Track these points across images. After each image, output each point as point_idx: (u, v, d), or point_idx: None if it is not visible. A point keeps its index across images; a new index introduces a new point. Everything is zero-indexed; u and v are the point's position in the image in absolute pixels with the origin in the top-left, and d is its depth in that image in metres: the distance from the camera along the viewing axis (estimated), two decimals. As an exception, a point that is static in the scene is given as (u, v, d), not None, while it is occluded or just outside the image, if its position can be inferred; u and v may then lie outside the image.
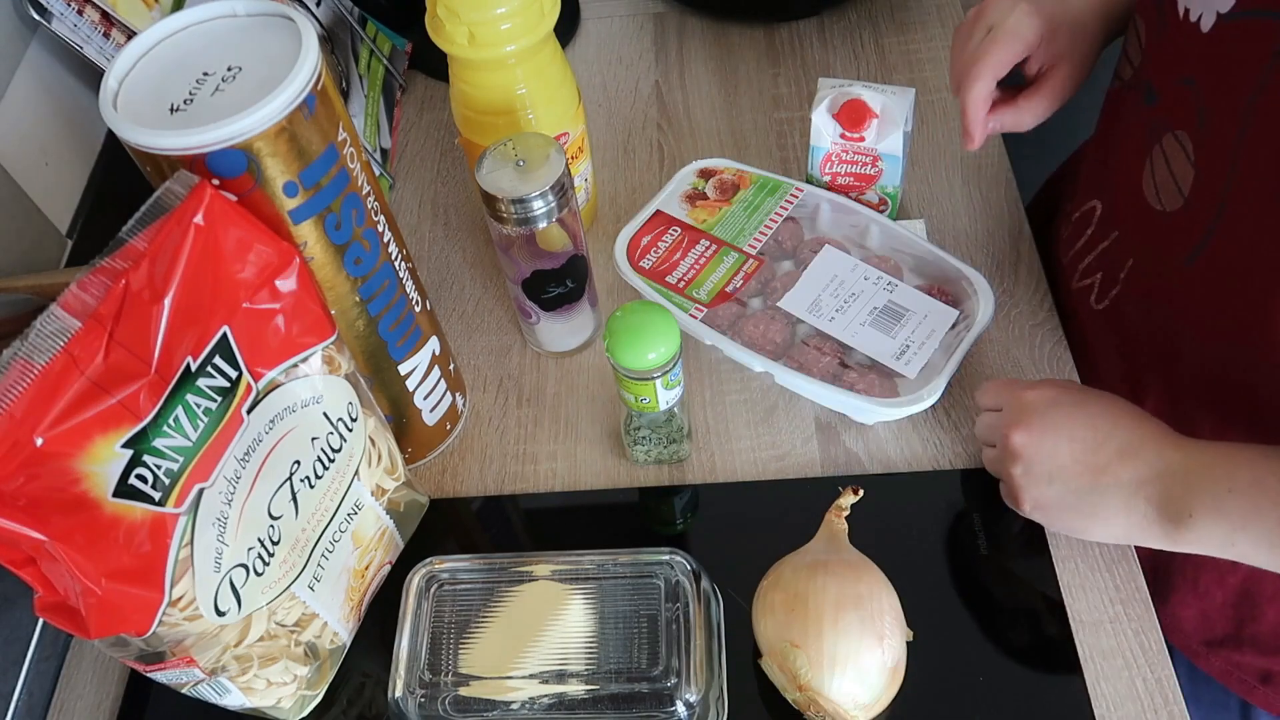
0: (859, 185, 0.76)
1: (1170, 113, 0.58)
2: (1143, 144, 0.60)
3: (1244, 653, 0.65)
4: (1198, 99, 0.55)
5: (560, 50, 0.72)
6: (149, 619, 0.47)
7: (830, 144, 0.74)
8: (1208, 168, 0.55)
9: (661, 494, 0.68)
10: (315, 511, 0.56)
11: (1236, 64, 0.52)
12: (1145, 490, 0.54)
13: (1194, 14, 0.54)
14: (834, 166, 0.75)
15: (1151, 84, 0.59)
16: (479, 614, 0.58)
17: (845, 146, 0.73)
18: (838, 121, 0.72)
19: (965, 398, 0.69)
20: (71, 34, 0.65)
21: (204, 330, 0.46)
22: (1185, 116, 0.56)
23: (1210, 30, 0.53)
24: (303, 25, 0.49)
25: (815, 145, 0.74)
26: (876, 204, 0.77)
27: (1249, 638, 0.65)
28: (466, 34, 0.66)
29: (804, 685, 0.54)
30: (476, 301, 0.80)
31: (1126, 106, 0.64)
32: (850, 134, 0.72)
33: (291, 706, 0.59)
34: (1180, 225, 0.58)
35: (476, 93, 0.70)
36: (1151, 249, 0.62)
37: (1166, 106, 0.58)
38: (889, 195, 0.76)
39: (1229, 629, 0.64)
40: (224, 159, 0.47)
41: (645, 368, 0.59)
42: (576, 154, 0.76)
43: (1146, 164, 0.60)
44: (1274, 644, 0.64)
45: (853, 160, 0.74)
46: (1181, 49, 0.56)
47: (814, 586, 0.56)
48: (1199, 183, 0.56)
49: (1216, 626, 0.57)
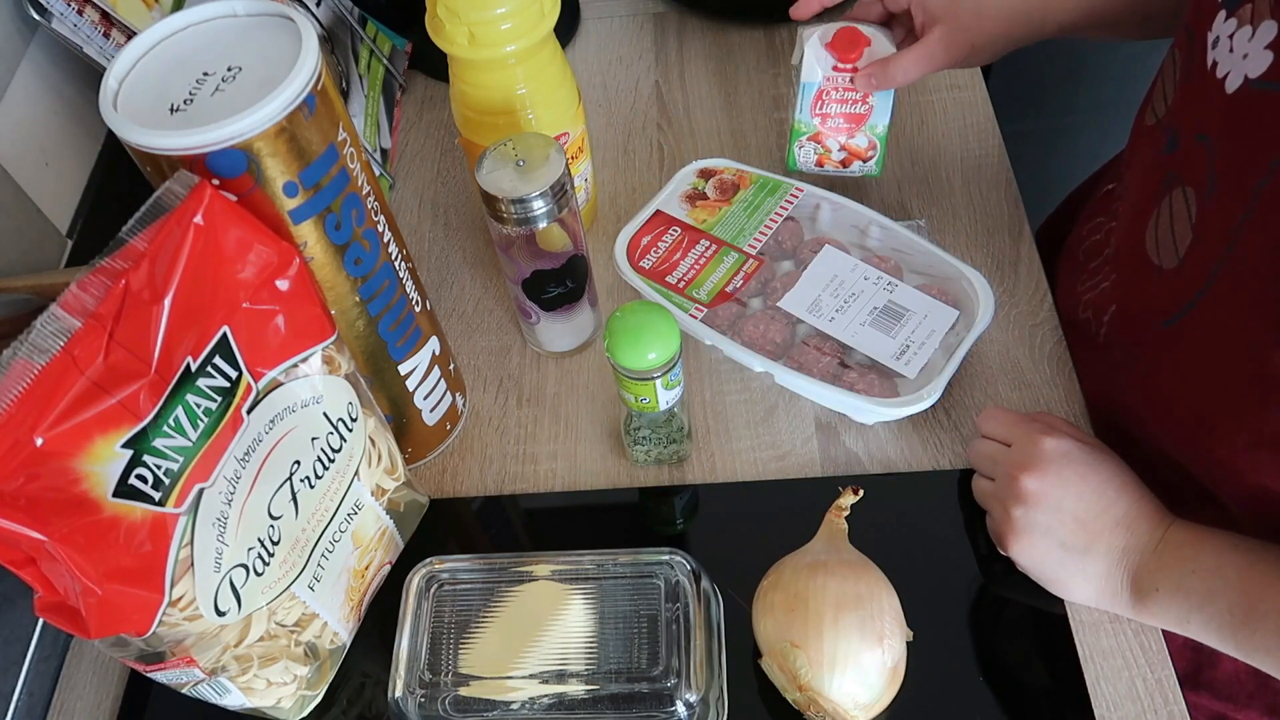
0: (849, 127, 0.74)
1: (1185, 166, 0.55)
2: (1156, 191, 0.58)
3: (1200, 695, 0.65)
4: (1211, 160, 0.52)
5: (560, 50, 0.72)
6: (149, 619, 0.47)
7: (823, 78, 0.72)
8: (1207, 237, 0.53)
9: (661, 494, 0.68)
10: (315, 511, 0.56)
11: (1255, 137, 0.49)
12: (1127, 560, 0.56)
13: (1221, 70, 0.50)
14: (825, 106, 0.73)
15: (1176, 132, 0.56)
16: (479, 614, 0.58)
17: (838, 81, 0.72)
18: (831, 52, 0.70)
19: (965, 398, 0.69)
20: (71, 34, 0.65)
21: (204, 330, 0.46)
22: (1198, 175, 0.53)
23: (1235, 92, 0.49)
24: (303, 25, 0.49)
25: (806, 81, 0.72)
26: (865, 149, 0.75)
27: (1205, 682, 0.65)
28: (466, 34, 0.66)
29: (804, 685, 0.54)
30: (476, 301, 0.80)
31: (1150, 148, 0.61)
32: (844, 64, 0.71)
33: (291, 706, 0.60)
34: (1169, 286, 0.56)
35: (476, 93, 0.70)
36: (1136, 301, 0.61)
37: (1183, 158, 0.55)
38: (878, 137, 0.74)
39: (1186, 669, 0.64)
40: (224, 159, 0.47)
41: (645, 368, 0.59)
42: (576, 154, 0.76)
43: (1154, 214, 0.58)
44: (1228, 691, 0.65)
45: (844, 98, 0.72)
46: (1204, 102, 0.52)
47: (814, 586, 0.56)
48: (1195, 249, 0.54)
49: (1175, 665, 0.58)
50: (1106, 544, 0.56)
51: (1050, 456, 0.57)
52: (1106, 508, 0.56)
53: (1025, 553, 0.58)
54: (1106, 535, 0.56)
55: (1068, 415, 0.68)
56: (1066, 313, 0.72)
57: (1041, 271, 0.75)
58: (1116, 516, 0.56)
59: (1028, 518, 0.57)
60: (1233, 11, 0.49)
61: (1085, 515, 0.56)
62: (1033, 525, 0.57)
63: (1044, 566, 0.58)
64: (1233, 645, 0.53)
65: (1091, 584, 0.57)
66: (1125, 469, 0.58)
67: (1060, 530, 0.57)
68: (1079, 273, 0.70)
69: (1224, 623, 0.53)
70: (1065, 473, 0.57)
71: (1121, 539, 0.56)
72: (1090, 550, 0.56)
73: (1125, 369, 0.62)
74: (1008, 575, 0.61)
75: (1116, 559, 0.56)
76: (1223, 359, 0.54)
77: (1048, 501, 0.57)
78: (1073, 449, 0.57)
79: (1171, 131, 0.57)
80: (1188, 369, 0.56)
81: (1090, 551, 0.56)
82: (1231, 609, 0.52)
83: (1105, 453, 0.59)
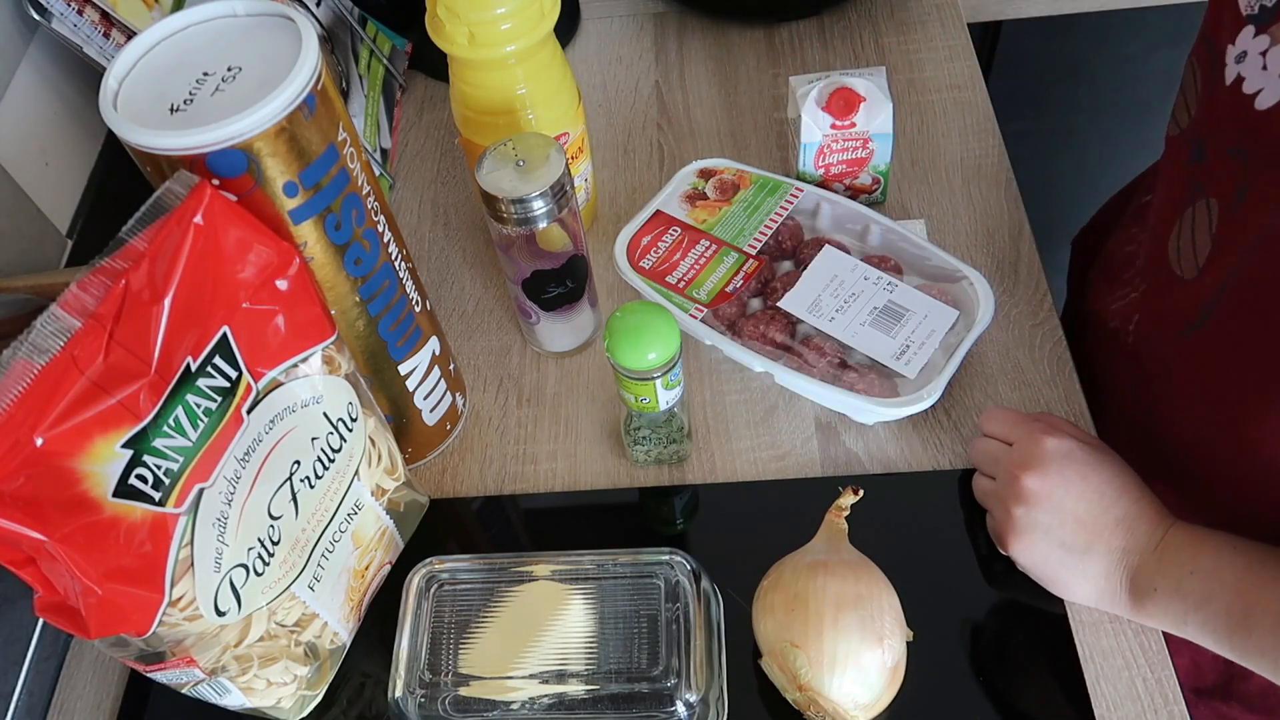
0: (852, 171, 0.76)
1: (1212, 177, 0.55)
2: (1181, 200, 0.58)
3: (1231, 706, 0.65)
4: (1245, 174, 0.51)
5: (560, 50, 0.72)
6: (149, 619, 0.47)
7: (822, 137, 0.74)
8: (1225, 246, 0.53)
9: (661, 494, 0.68)
10: (315, 511, 0.56)
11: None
12: (1127, 561, 0.56)
13: (1249, 86, 0.49)
14: (827, 158, 0.75)
15: (1204, 143, 0.56)
16: (479, 614, 0.58)
17: (836, 136, 0.74)
18: (828, 113, 0.73)
19: (965, 398, 0.69)
20: (71, 34, 0.65)
21: (204, 330, 0.46)
22: (1224, 187, 0.53)
23: (1269, 109, 0.49)
24: (303, 25, 0.49)
25: (806, 142, 0.75)
26: (870, 185, 0.77)
27: (1237, 694, 0.65)
28: (467, 34, 0.66)
29: (804, 685, 0.54)
30: (476, 301, 0.80)
31: (1178, 157, 0.61)
32: (841, 122, 0.73)
33: (291, 706, 0.59)
34: (1188, 296, 0.56)
35: (476, 93, 0.70)
36: (1158, 311, 0.61)
37: (1210, 169, 0.55)
38: (881, 174, 0.77)
39: (1217, 680, 0.64)
40: (224, 159, 0.47)
41: (645, 368, 0.59)
42: (576, 154, 0.76)
43: (1177, 223, 0.58)
44: (1261, 704, 0.65)
45: (844, 148, 0.75)
46: (1232, 117, 0.52)
47: (814, 586, 0.56)
48: (1213, 258, 0.54)
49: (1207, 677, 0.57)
50: (1106, 544, 0.56)
51: (1052, 456, 0.57)
52: (1107, 508, 0.56)
53: (1025, 552, 0.58)
54: (1106, 535, 0.56)
55: (1068, 415, 0.68)
56: (1098, 322, 0.71)
57: (1041, 272, 0.75)
58: (1117, 517, 0.56)
59: (1028, 517, 0.57)
60: (1263, 28, 0.48)
61: (1086, 515, 0.56)
62: (1033, 525, 0.57)
63: (1044, 566, 0.58)
64: (1228, 647, 0.53)
65: (1091, 584, 0.57)
66: (1127, 470, 0.58)
67: (1061, 530, 0.57)
68: (1113, 284, 0.70)
69: (1220, 624, 0.53)
70: (1067, 472, 0.57)
71: (1121, 539, 0.56)
72: (1090, 550, 0.56)
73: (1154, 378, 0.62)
74: (1008, 575, 0.61)
75: (1116, 559, 0.56)
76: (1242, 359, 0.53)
77: (1049, 501, 0.57)
78: (1074, 449, 0.57)
79: (1198, 142, 0.57)
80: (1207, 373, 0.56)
81: (1090, 551, 0.56)
82: (1229, 611, 0.52)
83: (1107, 453, 0.59)
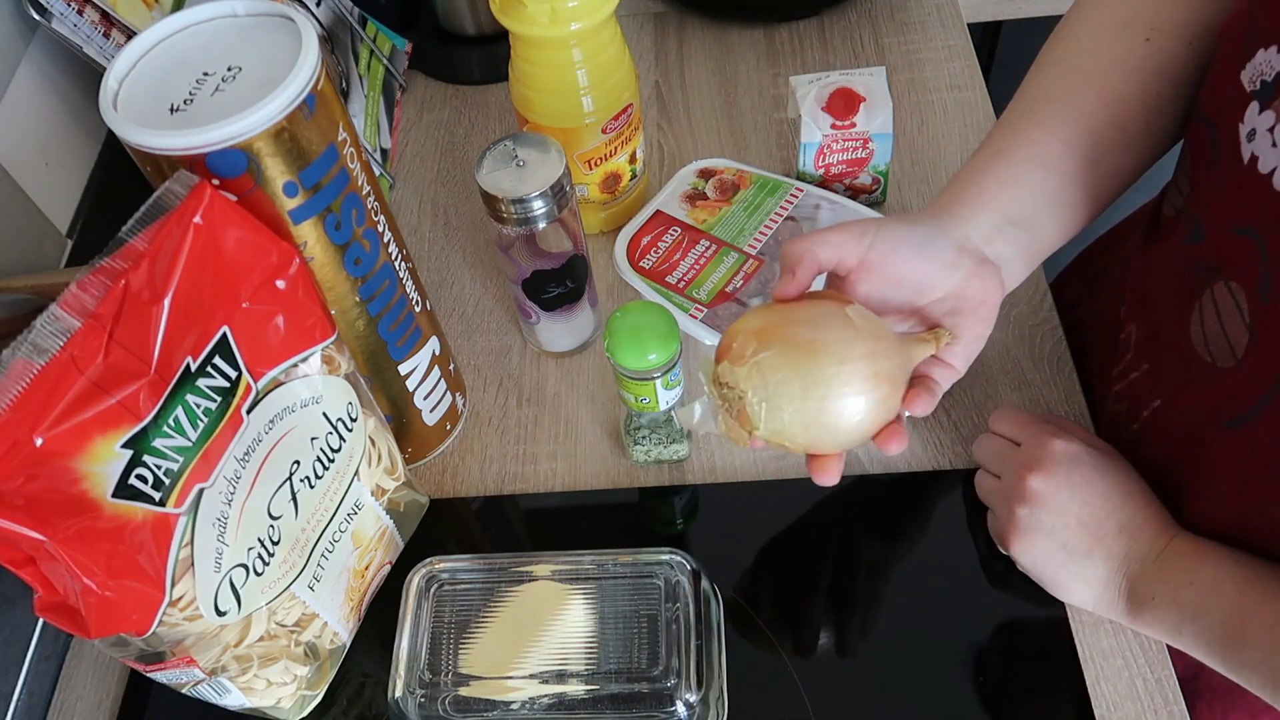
0: (852, 171, 0.76)
1: (1223, 259, 0.52)
2: (1190, 285, 0.55)
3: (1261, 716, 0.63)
4: (1263, 257, 0.49)
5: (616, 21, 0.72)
6: (149, 619, 0.47)
7: (822, 137, 0.74)
8: (1266, 338, 0.50)
9: (661, 494, 0.68)
10: (315, 511, 0.56)
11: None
12: (1127, 567, 0.56)
13: (1264, 165, 0.47)
14: (827, 158, 0.76)
15: (1201, 222, 0.54)
16: (479, 614, 0.58)
17: (836, 136, 0.74)
18: (828, 113, 0.73)
19: (965, 398, 0.69)
20: (71, 34, 0.65)
21: (204, 330, 0.46)
22: (1245, 272, 0.50)
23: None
24: (303, 25, 0.49)
25: (806, 142, 0.75)
26: (870, 185, 0.77)
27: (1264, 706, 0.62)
28: (549, 12, 0.66)
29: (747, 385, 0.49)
30: (476, 301, 0.80)
31: (1169, 236, 0.59)
32: (841, 122, 0.73)
33: (291, 706, 0.60)
34: (1231, 384, 0.53)
35: (543, 72, 0.70)
36: (1188, 398, 0.57)
37: (1217, 250, 0.53)
38: (881, 174, 0.77)
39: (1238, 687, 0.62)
40: (224, 159, 0.47)
41: (645, 368, 0.59)
42: (638, 127, 0.77)
43: (1195, 310, 0.55)
44: None
45: (845, 148, 0.75)
46: (1241, 196, 0.50)
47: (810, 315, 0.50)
48: (1254, 351, 0.51)
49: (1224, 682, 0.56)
50: (1108, 549, 0.56)
51: (1059, 458, 0.57)
52: (1111, 513, 0.56)
53: (1026, 552, 0.58)
54: (1109, 541, 0.56)
55: (1067, 415, 0.68)
56: (1092, 401, 0.69)
57: (1041, 271, 0.75)
58: (1121, 523, 0.56)
59: (1031, 517, 0.57)
60: (1267, 104, 0.47)
61: (1089, 519, 0.56)
62: (1036, 525, 0.57)
63: (1044, 567, 0.58)
64: (1220, 661, 0.53)
65: (1090, 588, 0.57)
66: (1134, 476, 0.58)
67: (1063, 532, 0.56)
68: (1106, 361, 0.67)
69: (1214, 637, 0.52)
70: (1073, 475, 0.57)
71: (1123, 546, 0.56)
72: (1092, 554, 0.56)
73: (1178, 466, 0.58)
74: (1008, 575, 0.61)
75: (1117, 565, 0.56)
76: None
77: (1053, 503, 0.57)
78: (1082, 453, 0.57)
79: (1195, 220, 0.55)
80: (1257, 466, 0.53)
81: (1091, 556, 0.56)
82: (1224, 624, 0.52)
83: (1115, 458, 0.58)
